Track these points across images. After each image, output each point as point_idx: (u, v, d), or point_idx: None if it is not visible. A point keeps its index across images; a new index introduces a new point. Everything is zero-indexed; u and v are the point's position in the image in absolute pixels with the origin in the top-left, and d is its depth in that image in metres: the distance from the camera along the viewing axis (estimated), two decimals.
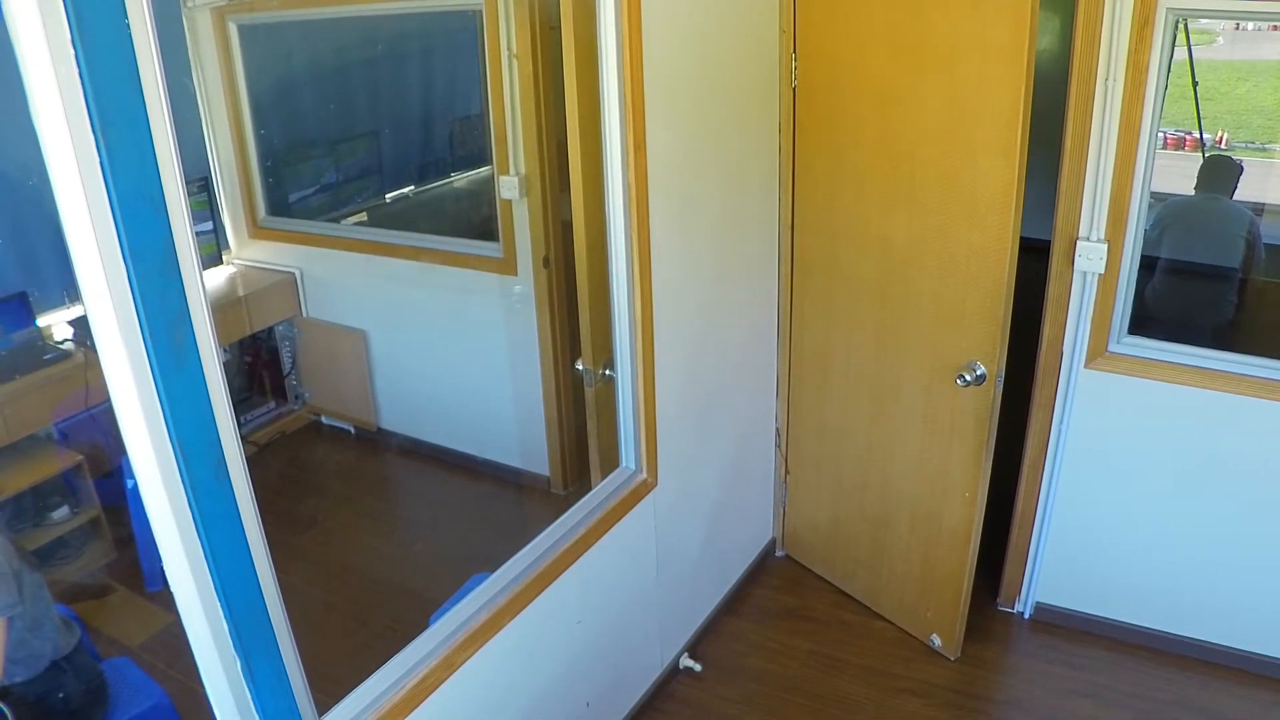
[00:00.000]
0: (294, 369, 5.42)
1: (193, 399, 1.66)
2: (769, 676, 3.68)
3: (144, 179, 1.51)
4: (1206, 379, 3.22)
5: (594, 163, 2.87)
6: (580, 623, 3.06)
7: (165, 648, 3.59)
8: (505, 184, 4.15)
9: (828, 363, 3.74)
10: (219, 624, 1.82)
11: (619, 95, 2.72)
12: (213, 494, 1.74)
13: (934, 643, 3.70)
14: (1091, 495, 3.56)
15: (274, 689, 1.97)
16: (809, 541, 4.18)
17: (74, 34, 1.37)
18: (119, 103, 1.45)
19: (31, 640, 2.78)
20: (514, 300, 4.35)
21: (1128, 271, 3.24)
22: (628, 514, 3.14)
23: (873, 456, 3.69)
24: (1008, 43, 2.74)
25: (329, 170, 5.14)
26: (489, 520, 4.65)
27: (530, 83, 3.89)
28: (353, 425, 5.36)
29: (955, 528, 3.45)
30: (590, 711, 3.22)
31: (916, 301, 3.30)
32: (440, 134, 5.22)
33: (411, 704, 2.33)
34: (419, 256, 4.69)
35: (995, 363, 3.10)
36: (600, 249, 2.96)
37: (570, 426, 4.42)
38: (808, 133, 3.50)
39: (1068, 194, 3.18)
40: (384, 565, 4.41)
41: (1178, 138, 6.34)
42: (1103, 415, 3.42)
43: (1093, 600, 3.75)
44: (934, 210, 3.12)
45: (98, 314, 1.53)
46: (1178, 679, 3.54)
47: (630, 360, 3.05)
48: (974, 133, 2.92)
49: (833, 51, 3.32)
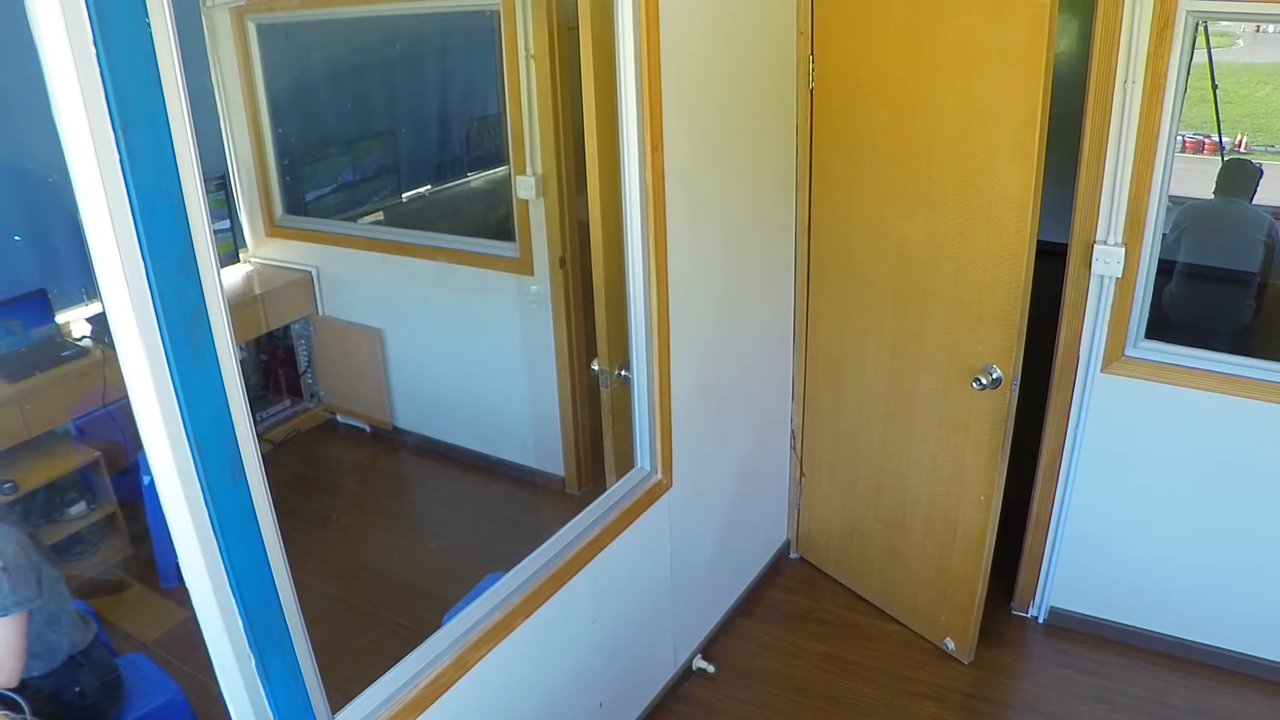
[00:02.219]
0: (310, 367, 5.43)
1: (209, 396, 1.67)
2: (782, 678, 3.68)
3: (163, 177, 1.51)
4: (1224, 384, 3.20)
5: (611, 163, 2.87)
6: (594, 623, 3.06)
7: (180, 644, 3.60)
8: (522, 184, 4.16)
9: (843, 364, 3.73)
10: (234, 620, 1.83)
11: (636, 96, 2.72)
12: (228, 491, 1.74)
13: (947, 646, 3.69)
14: (1107, 500, 3.54)
15: (288, 686, 1.98)
16: (823, 543, 4.18)
17: (95, 33, 1.37)
18: (139, 101, 1.45)
19: (49, 634, 2.79)
20: (530, 300, 4.35)
21: (1145, 275, 3.22)
22: (642, 515, 3.14)
23: (888, 459, 3.68)
24: (1026, 45, 2.73)
25: (346, 169, 5.15)
26: (503, 520, 4.66)
27: (547, 83, 3.90)
28: (368, 424, 5.37)
29: (970, 531, 3.44)
30: (603, 711, 3.22)
31: (933, 304, 3.29)
32: (457, 134, 5.23)
33: (424, 703, 2.33)
34: (435, 256, 4.70)
35: (1011, 366, 3.09)
36: (617, 249, 2.96)
37: (585, 427, 4.43)
38: (825, 134, 3.50)
39: (1085, 197, 3.17)
40: (398, 564, 4.42)
41: (1196, 141, 6.32)
42: (1119, 419, 3.41)
43: (1107, 605, 3.73)
44: (951, 213, 3.11)
45: (116, 311, 1.53)
46: (1192, 685, 3.52)
47: (646, 361, 3.05)
48: (992, 135, 2.91)
49: (850, 53, 3.32)
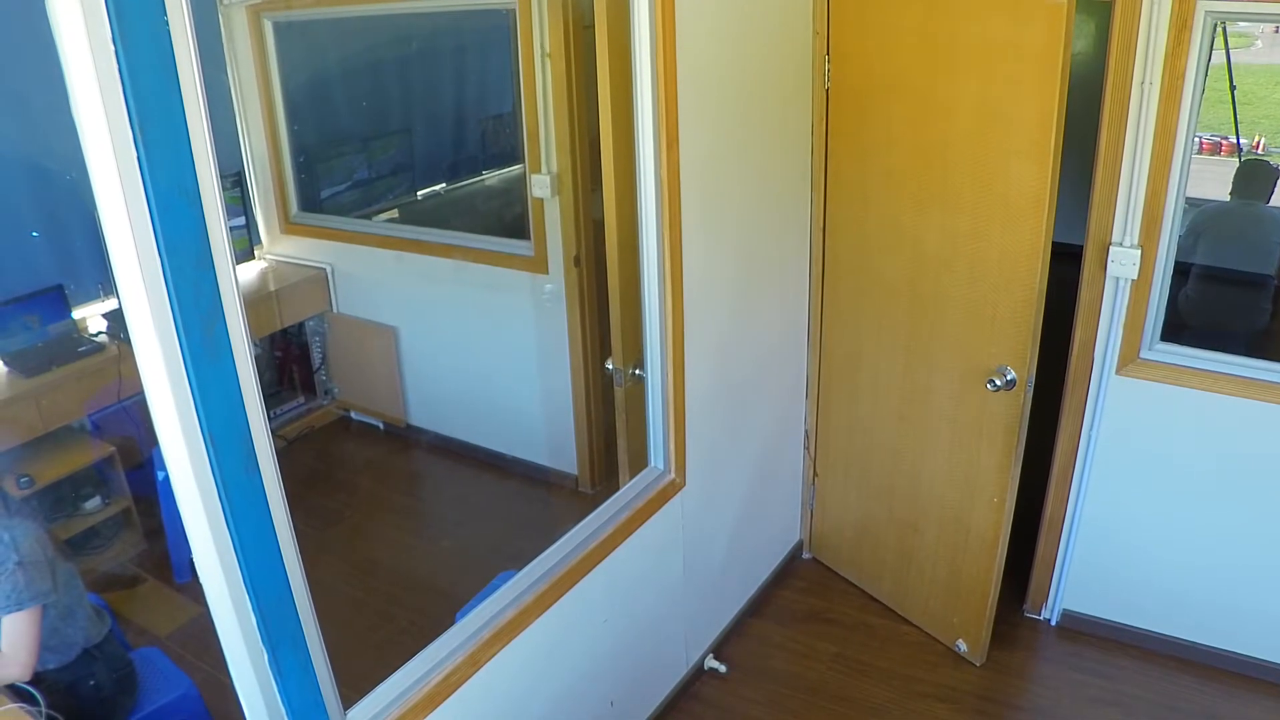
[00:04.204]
0: (324, 364, 5.45)
1: (224, 392, 1.67)
2: (793, 679, 3.68)
3: (180, 174, 1.52)
4: (1240, 387, 3.18)
5: (626, 162, 2.87)
6: (606, 622, 3.06)
7: (193, 639, 3.62)
8: (537, 182, 4.16)
9: (857, 365, 3.73)
10: (247, 616, 1.84)
11: (652, 95, 2.72)
12: (243, 487, 1.75)
13: (960, 648, 3.68)
14: (1121, 502, 3.53)
15: (300, 681, 1.98)
16: (836, 544, 4.17)
17: (114, 32, 1.38)
18: (157, 99, 1.46)
19: (64, 628, 2.82)
20: (544, 298, 4.36)
21: (1161, 277, 3.21)
22: (655, 514, 3.14)
23: (901, 460, 3.68)
24: (1042, 45, 2.72)
25: (361, 167, 5.17)
26: (516, 518, 4.67)
27: (563, 81, 3.91)
28: (382, 421, 5.39)
29: (983, 533, 3.43)
30: (614, 710, 3.23)
31: (947, 305, 3.28)
32: (472, 132, 5.24)
33: (436, 700, 2.34)
34: (450, 254, 4.71)
35: (1026, 368, 3.08)
36: (631, 248, 2.96)
37: (599, 425, 4.43)
38: (840, 134, 3.49)
39: (1101, 199, 3.16)
40: (411, 561, 4.44)
41: (1214, 142, 6.28)
42: (1133, 422, 3.39)
43: (1121, 608, 3.72)
44: (966, 213, 3.10)
45: (133, 306, 1.54)
46: (1206, 690, 3.50)
47: (660, 360, 3.05)
48: (1007, 136, 2.90)
49: (866, 53, 3.31)
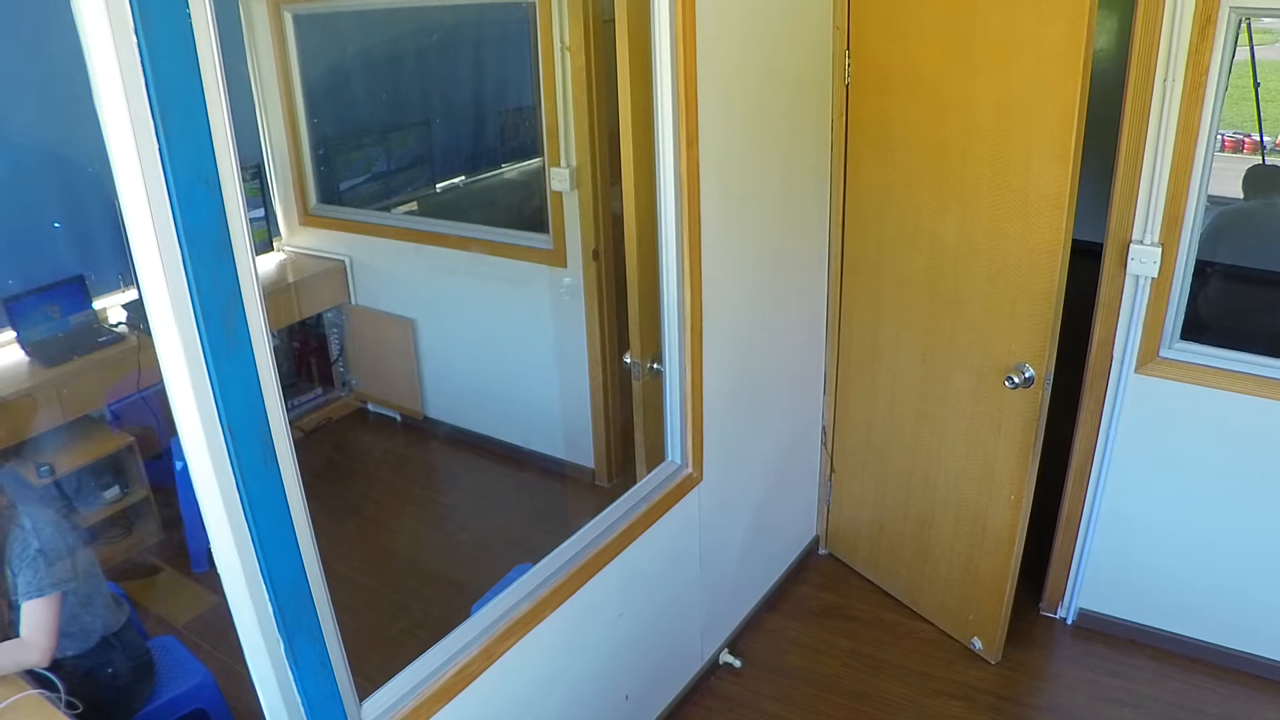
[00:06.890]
0: (342, 356, 5.47)
1: (243, 383, 1.68)
2: (808, 674, 3.67)
3: (201, 164, 1.52)
4: (1261, 386, 3.16)
5: (645, 156, 2.87)
6: (621, 616, 3.06)
7: (210, 628, 3.65)
8: (556, 176, 4.16)
9: (875, 361, 3.72)
10: (264, 606, 1.84)
11: (672, 89, 2.72)
12: (261, 477, 1.76)
13: (975, 646, 3.67)
14: (1139, 501, 3.51)
15: (316, 672, 1.99)
16: (852, 540, 4.17)
17: (137, 22, 1.38)
18: (179, 90, 1.46)
19: (83, 615, 2.84)
20: (563, 292, 4.36)
21: (1182, 276, 3.19)
22: (672, 508, 3.14)
23: (918, 456, 3.67)
24: (1063, 41, 2.70)
25: (380, 159, 5.18)
26: (533, 511, 4.68)
27: (583, 75, 3.91)
28: (399, 413, 5.40)
29: (1000, 530, 3.42)
30: (629, 704, 3.23)
31: (966, 301, 3.27)
32: (491, 125, 5.24)
33: (451, 692, 2.35)
34: (468, 246, 4.72)
35: (1044, 365, 3.07)
36: (650, 242, 2.96)
37: (616, 419, 4.43)
38: (860, 130, 3.48)
39: (1122, 196, 3.14)
40: (427, 553, 4.45)
41: (1236, 140, 6.23)
42: (1152, 421, 3.38)
43: (1138, 608, 3.70)
44: (986, 210, 3.09)
45: (153, 297, 1.55)
46: (1224, 691, 3.48)
47: (678, 354, 3.04)
48: (1028, 133, 2.89)
49: (886, 49, 3.30)
